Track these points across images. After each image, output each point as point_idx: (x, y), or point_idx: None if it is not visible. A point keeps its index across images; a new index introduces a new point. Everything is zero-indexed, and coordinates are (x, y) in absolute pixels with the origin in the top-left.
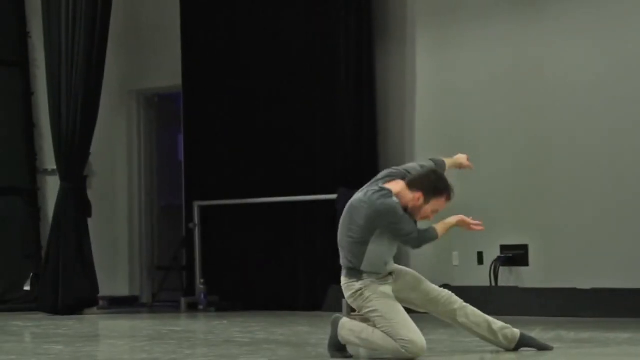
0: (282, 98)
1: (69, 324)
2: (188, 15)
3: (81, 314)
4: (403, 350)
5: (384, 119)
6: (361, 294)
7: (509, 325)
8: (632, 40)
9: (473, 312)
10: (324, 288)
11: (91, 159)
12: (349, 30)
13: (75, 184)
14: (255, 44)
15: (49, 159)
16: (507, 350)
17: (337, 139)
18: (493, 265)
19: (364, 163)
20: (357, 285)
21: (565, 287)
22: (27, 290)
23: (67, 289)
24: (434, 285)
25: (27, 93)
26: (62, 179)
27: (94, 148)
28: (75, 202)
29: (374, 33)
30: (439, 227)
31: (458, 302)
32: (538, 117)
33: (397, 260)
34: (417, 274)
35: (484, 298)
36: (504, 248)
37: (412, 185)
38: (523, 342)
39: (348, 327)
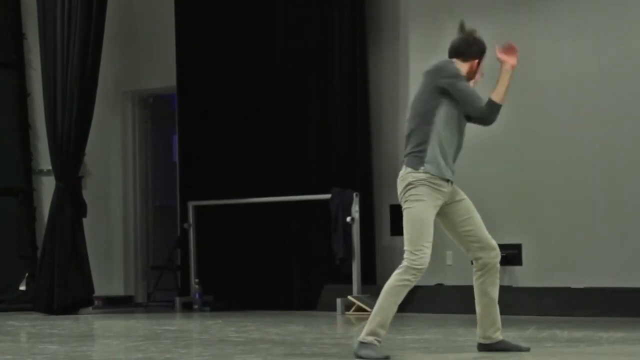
0: (276, 98)
1: (64, 324)
2: (183, 16)
3: (76, 314)
4: (408, 265)
5: (377, 118)
6: (410, 188)
7: (499, 325)
8: (625, 39)
9: (493, 288)
10: (319, 287)
11: (86, 159)
12: (343, 31)
13: (70, 184)
14: (249, 45)
15: (44, 159)
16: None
17: (331, 139)
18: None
19: (358, 163)
20: (410, 178)
21: (559, 286)
22: (22, 290)
23: (62, 289)
24: (485, 231)
25: (23, 94)
26: (58, 179)
27: (89, 148)
28: (71, 203)
29: (368, 33)
30: (496, 93)
31: (497, 264)
32: (532, 117)
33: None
34: (473, 208)
35: None
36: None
37: (461, 46)
38: (498, 348)
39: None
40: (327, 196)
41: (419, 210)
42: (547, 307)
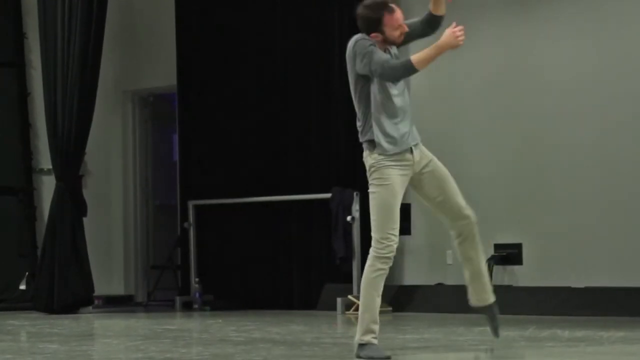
0: (277, 98)
1: (64, 323)
2: (183, 15)
3: (76, 313)
4: (376, 255)
5: None
6: (372, 171)
7: (490, 289)
8: (624, 39)
9: (475, 253)
10: (319, 287)
11: (86, 158)
12: (343, 31)
13: (70, 183)
14: (249, 44)
15: (44, 158)
16: (470, 302)
17: (331, 138)
18: (487, 264)
19: (358, 162)
20: (370, 160)
21: (559, 286)
22: (22, 290)
23: (63, 288)
24: (459, 198)
25: (23, 93)
26: (58, 178)
27: (89, 148)
28: (71, 202)
29: None
30: (417, 55)
31: (473, 231)
32: (531, 118)
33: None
34: (445, 173)
35: None
36: (497, 247)
37: (362, 27)
38: (487, 313)
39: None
40: (328, 195)
41: (383, 195)
42: (547, 307)
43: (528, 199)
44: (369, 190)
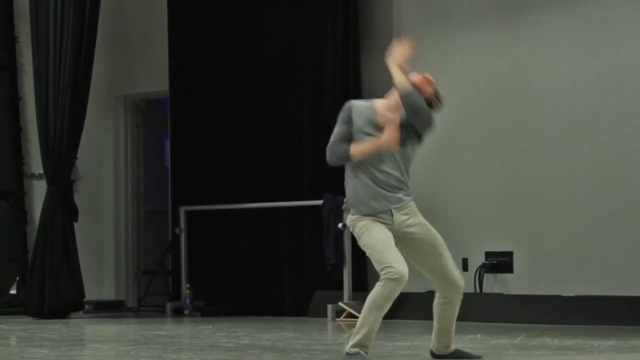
0: (269, 104)
1: (54, 328)
2: (175, 20)
3: (67, 318)
4: (387, 277)
5: None
6: (353, 228)
7: (454, 338)
8: (619, 47)
9: (451, 319)
10: (310, 293)
11: (78, 163)
12: (336, 39)
13: (62, 188)
14: (242, 50)
15: (36, 163)
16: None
17: (323, 144)
18: (478, 272)
19: None
20: (348, 220)
21: (550, 294)
22: (13, 294)
23: (53, 293)
24: (451, 264)
25: (15, 98)
26: (49, 183)
27: (80, 153)
28: (62, 207)
29: (361, 41)
30: (355, 147)
31: (459, 298)
32: (524, 125)
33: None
34: (437, 240)
35: (468, 305)
36: (488, 255)
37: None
38: (453, 357)
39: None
40: (319, 202)
41: (368, 237)
42: (537, 315)
43: (520, 207)
44: (360, 244)
